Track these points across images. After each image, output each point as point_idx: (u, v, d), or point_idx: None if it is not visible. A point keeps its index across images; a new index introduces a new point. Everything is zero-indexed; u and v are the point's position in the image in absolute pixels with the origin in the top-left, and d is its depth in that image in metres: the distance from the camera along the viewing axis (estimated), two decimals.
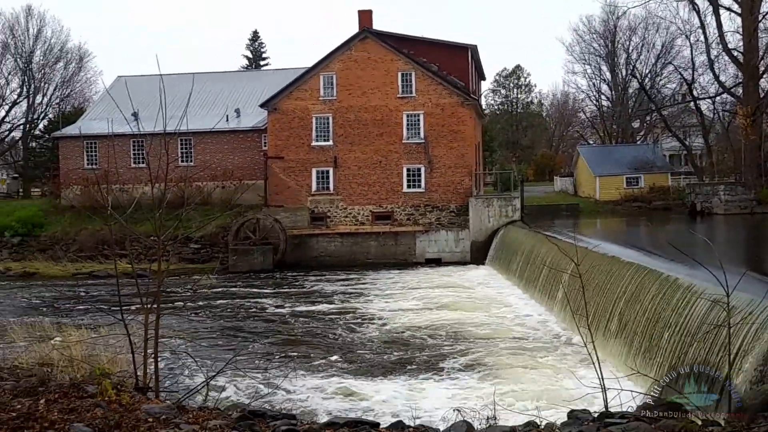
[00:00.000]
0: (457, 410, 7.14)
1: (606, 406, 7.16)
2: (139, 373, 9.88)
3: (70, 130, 47.85)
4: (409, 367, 16.63)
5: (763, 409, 6.35)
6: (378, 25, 42.55)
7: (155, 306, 10.50)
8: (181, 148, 44.27)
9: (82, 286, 33.22)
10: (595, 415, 6.92)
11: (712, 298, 9.13)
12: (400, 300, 26.92)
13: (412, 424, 6.89)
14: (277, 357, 18.17)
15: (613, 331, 15.97)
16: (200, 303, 27.28)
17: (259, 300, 28.33)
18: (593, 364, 7.66)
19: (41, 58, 66.57)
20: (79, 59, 69.65)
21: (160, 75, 11.88)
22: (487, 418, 6.86)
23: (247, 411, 7.63)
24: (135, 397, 7.87)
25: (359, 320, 23.14)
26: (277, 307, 26.70)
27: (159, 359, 10.17)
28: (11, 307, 27.70)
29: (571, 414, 7.09)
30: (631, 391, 7.90)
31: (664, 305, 13.05)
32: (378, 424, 7.21)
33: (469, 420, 6.93)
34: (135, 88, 51.25)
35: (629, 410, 7.00)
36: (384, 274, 34.72)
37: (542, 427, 6.53)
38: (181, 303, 26.41)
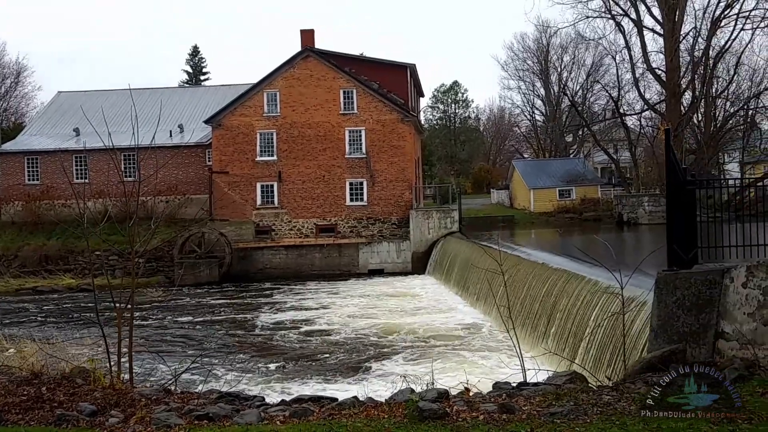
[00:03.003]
0: (403, 376, 8.51)
1: (525, 379, 8.66)
2: (114, 369, 10.98)
3: (10, 146, 47.75)
4: (357, 365, 18.00)
5: (641, 371, 7.98)
6: (320, 44, 43.99)
7: (129, 309, 11.67)
8: (125, 164, 44.64)
9: (30, 302, 33.44)
10: (514, 385, 8.43)
11: (610, 291, 10.80)
12: (344, 307, 28.20)
13: (363, 399, 8.23)
14: (234, 360, 19.26)
15: (541, 330, 17.63)
16: (152, 313, 28.04)
17: (207, 310, 29.21)
18: (514, 347, 9.15)
19: None
20: (16, 74, 69.05)
21: (130, 90, 12.98)
22: (427, 384, 8.24)
23: (224, 393, 8.85)
24: (125, 385, 9.01)
25: (307, 327, 24.34)
26: (224, 316, 27.66)
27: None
28: None
29: (495, 385, 8.58)
30: (547, 370, 9.44)
31: (576, 299, 14.83)
32: (336, 399, 8.55)
33: (413, 386, 8.33)
34: (75, 103, 51.57)
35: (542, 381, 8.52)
36: (328, 285, 35.94)
37: (472, 393, 7.96)
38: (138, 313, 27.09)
